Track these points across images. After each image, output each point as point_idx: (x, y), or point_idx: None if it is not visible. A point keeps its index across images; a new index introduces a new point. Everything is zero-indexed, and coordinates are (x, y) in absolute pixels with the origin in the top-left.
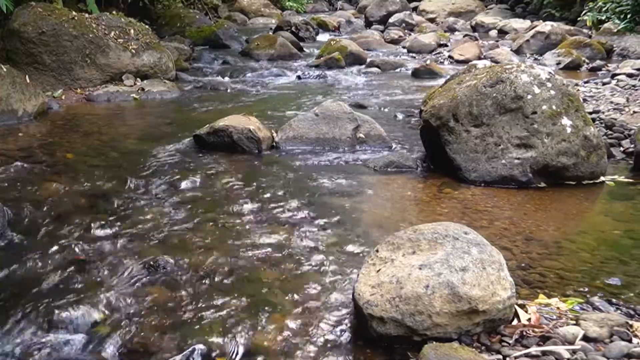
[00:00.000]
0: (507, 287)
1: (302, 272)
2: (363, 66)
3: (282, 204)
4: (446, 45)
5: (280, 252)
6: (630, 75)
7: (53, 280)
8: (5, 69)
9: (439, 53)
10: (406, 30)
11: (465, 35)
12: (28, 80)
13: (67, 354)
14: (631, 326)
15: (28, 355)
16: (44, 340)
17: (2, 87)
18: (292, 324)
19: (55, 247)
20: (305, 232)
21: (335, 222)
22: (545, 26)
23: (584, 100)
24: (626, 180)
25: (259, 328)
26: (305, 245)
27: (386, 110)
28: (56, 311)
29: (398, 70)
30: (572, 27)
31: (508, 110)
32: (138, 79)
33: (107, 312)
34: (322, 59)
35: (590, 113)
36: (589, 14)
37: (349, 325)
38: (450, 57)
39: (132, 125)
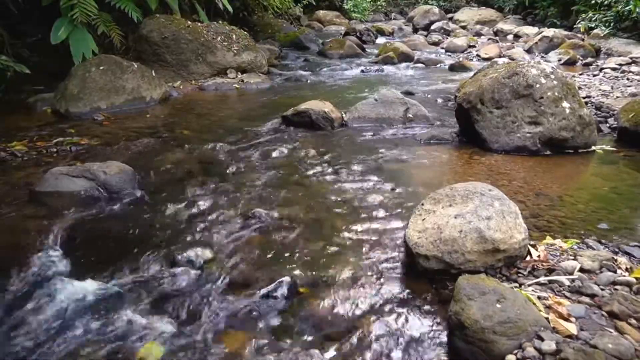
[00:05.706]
0: (522, 232)
1: (365, 220)
2: (411, 63)
3: (349, 168)
4: (474, 47)
5: (349, 205)
6: (613, 69)
7: (173, 228)
8: (136, 66)
9: (469, 52)
10: (444, 35)
11: (489, 39)
12: (154, 74)
13: (184, 284)
14: (616, 260)
15: (155, 285)
16: (167, 274)
17: (134, 79)
18: (357, 260)
19: (174, 202)
20: (368, 189)
21: (390, 181)
22: (549, 32)
23: (579, 88)
24: (611, 149)
25: (332, 264)
26: (367, 199)
27: (429, 96)
28: (176, 251)
29: (438, 65)
30: (569, 33)
31: (521, 96)
32: (239, 72)
33: (215, 252)
34: (380, 57)
35: (584, 98)
36: (582, 22)
37: (400, 261)
38: (477, 55)
39: (234, 109)
